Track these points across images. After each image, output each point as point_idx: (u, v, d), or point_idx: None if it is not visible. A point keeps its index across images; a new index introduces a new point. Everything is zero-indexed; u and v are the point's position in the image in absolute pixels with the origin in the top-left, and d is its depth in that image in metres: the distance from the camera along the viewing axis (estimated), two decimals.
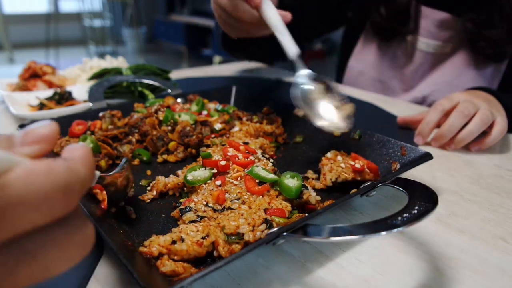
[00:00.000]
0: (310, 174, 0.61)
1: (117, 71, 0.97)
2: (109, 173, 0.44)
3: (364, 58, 1.21)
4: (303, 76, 0.65)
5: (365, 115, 0.96)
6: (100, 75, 0.98)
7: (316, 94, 0.64)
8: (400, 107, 1.02)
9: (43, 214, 0.21)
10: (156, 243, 0.40)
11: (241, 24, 0.76)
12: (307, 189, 0.50)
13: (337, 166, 0.56)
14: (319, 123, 0.59)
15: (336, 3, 1.21)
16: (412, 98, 1.13)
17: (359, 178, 0.55)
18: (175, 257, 0.40)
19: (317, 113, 0.61)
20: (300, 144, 0.74)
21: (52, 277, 0.23)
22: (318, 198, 0.50)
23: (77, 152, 0.25)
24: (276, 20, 0.67)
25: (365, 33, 1.19)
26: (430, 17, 1.04)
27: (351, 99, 1.07)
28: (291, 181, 0.50)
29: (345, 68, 1.27)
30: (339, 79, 1.34)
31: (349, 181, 0.55)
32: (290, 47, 0.65)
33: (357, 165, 0.55)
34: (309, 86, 0.64)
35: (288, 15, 0.70)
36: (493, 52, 0.97)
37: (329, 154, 0.59)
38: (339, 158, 0.58)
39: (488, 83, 1.02)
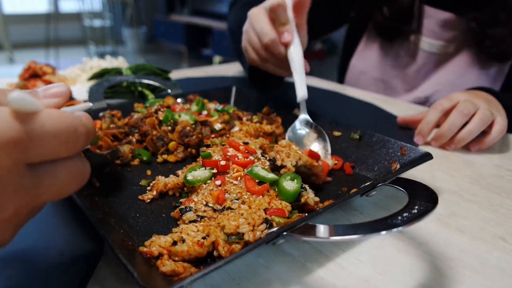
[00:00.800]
0: None
1: (117, 71, 0.97)
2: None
3: (367, 57, 1.21)
4: (302, 121, 0.69)
5: (365, 115, 0.96)
6: (100, 75, 0.98)
7: (307, 139, 0.68)
8: (400, 107, 1.02)
9: (60, 146, 0.29)
10: (156, 244, 0.40)
11: (269, 57, 0.78)
12: (306, 190, 0.50)
13: (294, 152, 0.56)
14: None
15: (339, 3, 1.21)
16: (414, 98, 1.13)
17: (315, 164, 0.55)
18: (176, 258, 0.40)
19: None
20: None
21: (61, 197, 0.31)
22: (317, 199, 0.49)
23: (81, 112, 0.33)
24: (298, 61, 0.70)
25: (368, 33, 1.19)
26: (433, 17, 1.04)
27: (351, 99, 1.07)
28: (289, 184, 0.49)
29: (347, 68, 1.27)
30: (341, 79, 1.34)
31: (308, 169, 0.55)
32: (301, 90, 0.69)
33: (314, 151, 0.58)
34: (303, 131, 0.69)
35: (308, 67, 0.72)
36: (497, 51, 0.97)
37: (283, 142, 0.58)
38: (294, 146, 0.58)
39: (491, 83, 1.02)
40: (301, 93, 0.68)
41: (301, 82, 0.69)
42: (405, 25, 1.07)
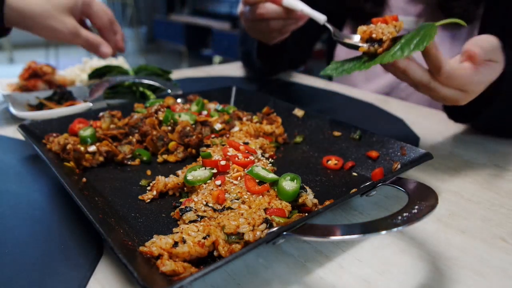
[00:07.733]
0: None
1: (119, 71, 0.97)
2: None
3: (342, 53, 1.23)
4: (336, 31, 0.73)
5: (365, 115, 0.96)
6: (102, 73, 0.98)
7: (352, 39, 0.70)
8: (399, 106, 1.02)
9: None
10: (157, 246, 0.40)
11: (267, 25, 0.87)
12: (306, 191, 0.49)
13: (384, 26, 0.58)
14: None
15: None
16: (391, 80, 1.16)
17: (399, 24, 0.58)
18: (177, 259, 0.40)
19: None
20: (300, 144, 0.74)
21: None
22: (315, 201, 0.49)
23: None
24: (297, 3, 0.80)
25: (346, 26, 1.23)
26: None
27: (352, 99, 1.07)
28: (289, 184, 0.49)
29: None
30: (330, 77, 1.36)
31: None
32: (319, 16, 0.77)
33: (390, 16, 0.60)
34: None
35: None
36: (461, 11, 0.98)
37: (363, 27, 0.60)
38: (372, 25, 0.59)
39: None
40: (321, 17, 0.77)
41: (314, 11, 0.78)
42: (377, 6, 1.11)
